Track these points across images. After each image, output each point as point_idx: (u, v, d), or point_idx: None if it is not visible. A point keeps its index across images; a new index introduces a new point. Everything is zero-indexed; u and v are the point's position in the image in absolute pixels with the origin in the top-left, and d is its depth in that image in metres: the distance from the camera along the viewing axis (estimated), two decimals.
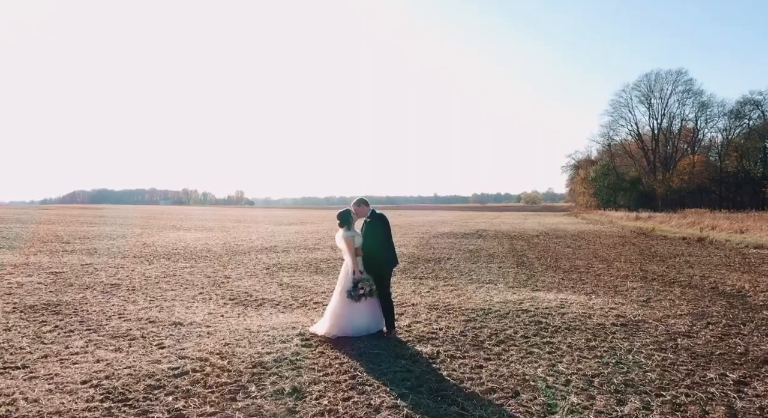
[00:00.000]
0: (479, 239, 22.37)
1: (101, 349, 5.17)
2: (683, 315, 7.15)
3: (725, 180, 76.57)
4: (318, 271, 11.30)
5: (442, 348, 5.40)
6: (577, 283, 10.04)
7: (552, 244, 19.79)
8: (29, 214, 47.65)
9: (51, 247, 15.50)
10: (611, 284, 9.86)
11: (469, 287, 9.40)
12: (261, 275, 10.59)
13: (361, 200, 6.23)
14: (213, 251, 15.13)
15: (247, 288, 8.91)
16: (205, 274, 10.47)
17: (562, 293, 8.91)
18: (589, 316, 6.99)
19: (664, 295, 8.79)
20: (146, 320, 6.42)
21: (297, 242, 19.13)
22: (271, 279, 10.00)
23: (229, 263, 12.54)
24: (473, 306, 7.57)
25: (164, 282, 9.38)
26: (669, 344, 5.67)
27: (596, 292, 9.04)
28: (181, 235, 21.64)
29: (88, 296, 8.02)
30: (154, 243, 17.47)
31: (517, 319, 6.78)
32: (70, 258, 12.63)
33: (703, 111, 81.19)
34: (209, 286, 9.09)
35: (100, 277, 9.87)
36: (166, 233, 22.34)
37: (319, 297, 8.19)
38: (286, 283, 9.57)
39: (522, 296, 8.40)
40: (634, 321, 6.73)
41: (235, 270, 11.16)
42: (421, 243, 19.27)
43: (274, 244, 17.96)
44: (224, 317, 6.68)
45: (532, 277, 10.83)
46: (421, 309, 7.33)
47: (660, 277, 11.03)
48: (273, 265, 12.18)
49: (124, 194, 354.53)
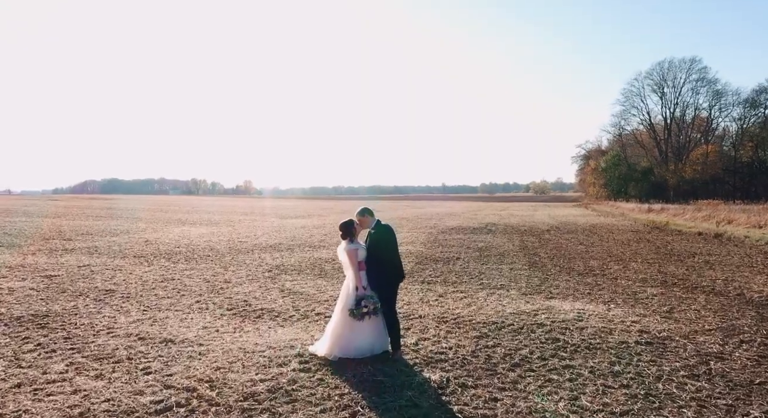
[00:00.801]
0: (489, 234, 21.84)
1: (82, 375, 4.76)
2: (712, 330, 6.64)
3: (739, 170, 75.15)
4: (322, 274, 10.88)
5: (452, 374, 4.94)
6: (593, 288, 9.54)
7: (564, 240, 19.23)
8: (37, 205, 47.69)
9: (51, 245, 15.21)
10: (630, 291, 9.34)
11: (479, 293, 8.93)
12: (262, 278, 10.18)
13: (365, 210, 5.77)
14: (216, 250, 14.76)
15: (247, 295, 8.50)
16: (204, 278, 10.08)
17: (578, 301, 8.41)
18: (609, 331, 6.50)
19: (687, 304, 8.27)
20: (136, 337, 6.02)
21: (302, 238, 18.73)
22: (273, 284, 9.59)
23: (231, 263, 12.15)
24: (484, 318, 7.10)
25: (161, 288, 9.00)
26: (701, 368, 5.17)
27: (615, 300, 8.54)
28: (186, 230, 21.31)
29: (80, 304, 7.64)
30: (157, 240, 17.13)
31: (532, 335, 6.31)
32: (68, 259, 12.30)
33: (718, 100, 79.54)
34: (207, 292, 8.68)
35: (96, 281, 9.51)
36: (171, 229, 22.03)
37: (321, 307, 7.76)
38: (288, 289, 9.15)
39: (536, 306, 7.92)
40: (659, 338, 6.23)
41: (236, 273, 10.76)
42: (430, 240, 18.79)
43: (279, 241, 17.57)
44: (219, 333, 6.27)
45: (546, 281, 10.34)
46: (429, 322, 6.88)
47: (680, 281, 10.49)
48: (276, 266, 11.77)
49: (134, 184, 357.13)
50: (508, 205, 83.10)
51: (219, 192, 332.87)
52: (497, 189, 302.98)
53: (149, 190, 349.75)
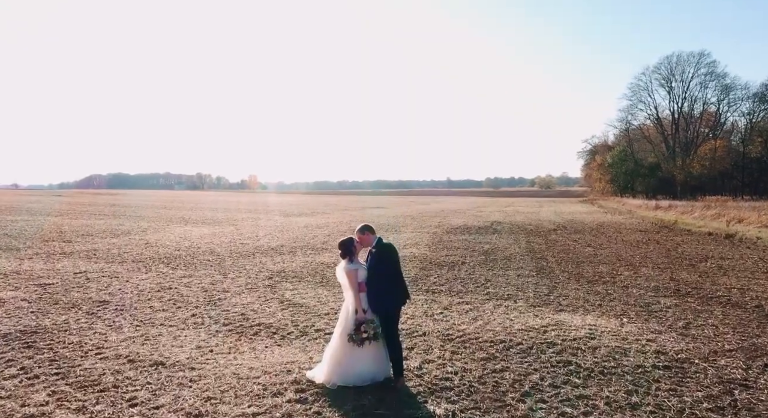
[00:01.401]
0: (494, 234, 21.48)
1: (62, 408, 4.47)
2: (733, 351, 6.29)
3: (748, 166, 74.32)
4: (323, 281, 10.57)
5: (458, 406, 4.62)
6: (604, 299, 9.19)
7: (571, 242, 18.84)
8: (42, 202, 47.64)
9: (50, 247, 14.98)
10: (642, 302, 8.98)
11: (486, 305, 8.60)
12: (262, 287, 9.88)
13: (366, 227, 5.43)
14: (216, 253, 14.48)
15: (245, 307, 8.20)
16: (202, 286, 9.80)
17: (589, 314, 8.07)
18: (624, 352, 6.16)
19: (704, 318, 7.92)
20: (125, 359, 5.73)
21: (305, 239, 18.43)
22: (272, 293, 9.29)
23: (231, 269, 11.86)
24: (491, 336, 6.77)
25: (157, 299, 8.71)
26: (726, 399, 4.83)
27: (627, 312, 8.19)
28: (188, 230, 21.06)
29: (71, 319, 7.37)
30: (158, 242, 16.88)
31: (542, 356, 5.97)
32: (65, 264, 12.04)
33: (726, 94, 78.55)
34: (204, 304, 8.40)
35: (90, 291, 9.24)
36: (173, 228, 21.79)
37: (321, 321, 7.46)
38: (288, 299, 8.85)
39: (545, 321, 7.58)
40: (677, 361, 5.88)
41: (235, 281, 10.47)
42: (434, 241, 18.46)
43: (281, 243, 17.28)
44: (213, 353, 5.97)
45: (554, 289, 10.00)
46: (433, 341, 6.56)
47: (694, 290, 10.13)
48: (276, 273, 11.48)
49: (140, 179, 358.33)
50: (513, 201, 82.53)
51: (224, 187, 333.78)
52: (502, 183, 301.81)
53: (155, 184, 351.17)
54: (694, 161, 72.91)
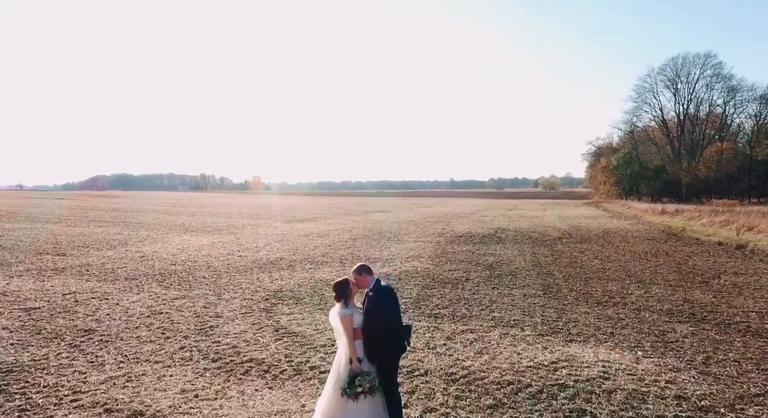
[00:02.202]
0: (498, 244, 21.01)
1: None
2: (759, 395, 5.82)
3: (755, 169, 73.47)
4: (321, 303, 10.13)
5: None
6: (616, 326, 8.71)
7: (577, 253, 18.35)
8: (43, 206, 47.40)
9: (42, 262, 14.60)
10: (657, 329, 8.51)
11: (492, 334, 8.15)
12: (257, 310, 9.45)
13: (363, 267, 4.97)
14: (213, 268, 14.07)
15: (237, 338, 7.77)
16: (195, 310, 9.37)
17: (602, 345, 7.61)
18: (642, 397, 5.69)
19: (724, 350, 7.44)
20: (102, 407, 5.30)
21: (305, 251, 18.00)
22: (268, 319, 8.86)
23: (227, 288, 11.45)
24: (498, 375, 6.32)
25: (145, 326, 8.29)
26: None
27: (641, 343, 7.72)
28: (186, 241, 20.67)
29: (52, 353, 6.95)
30: (154, 254, 16.48)
31: (554, 403, 5.51)
32: (54, 283, 11.65)
33: (733, 96, 77.81)
34: (195, 333, 7.97)
35: (77, 317, 8.84)
36: (171, 238, 21.41)
37: (317, 356, 7.02)
38: (283, 327, 8.41)
39: (555, 355, 7.12)
40: (700, 409, 5.41)
41: (230, 303, 10.04)
42: (437, 253, 18.00)
43: (280, 255, 16.86)
44: (198, 399, 5.54)
45: (563, 313, 9.53)
46: (435, 383, 6.10)
47: (710, 313, 9.65)
48: (273, 293, 11.05)
49: (144, 179, 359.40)
50: (517, 204, 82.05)
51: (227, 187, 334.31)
52: (506, 184, 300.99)
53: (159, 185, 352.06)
54: (700, 164, 72.16)
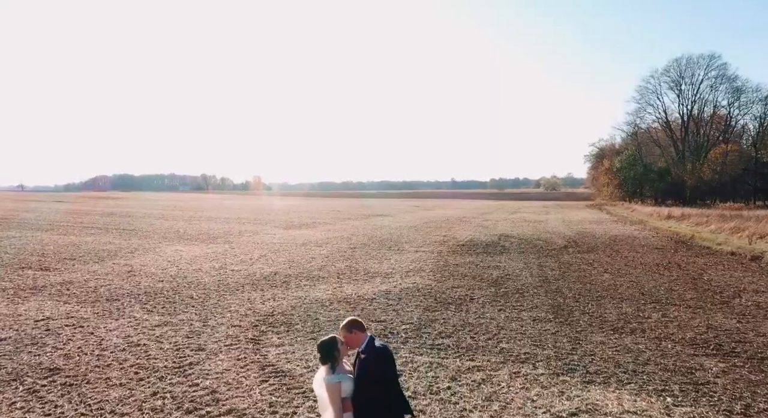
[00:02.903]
0: (503, 254, 20.20)
1: None
2: None
3: (760, 171, 72.53)
4: (314, 331, 9.34)
5: None
6: (637, 360, 7.91)
7: (585, 265, 17.55)
8: (39, 210, 46.73)
9: (23, 279, 13.83)
10: (684, 366, 7.70)
11: (500, 372, 7.36)
12: (244, 341, 8.67)
13: (353, 323, 4.19)
14: (202, 285, 13.29)
15: (218, 379, 6.98)
16: (175, 342, 8.58)
17: (624, 388, 6.82)
18: None
19: (763, 394, 6.65)
20: None
21: (301, 263, 17.21)
22: (255, 353, 8.07)
23: (214, 311, 10.66)
24: None
25: (118, 365, 7.50)
26: None
27: (669, 386, 6.93)
28: (178, 251, 19.90)
29: (5, 404, 6.18)
30: (142, 269, 15.71)
31: None
32: (29, 306, 10.87)
33: (737, 97, 77.00)
34: (171, 373, 7.18)
35: (45, 351, 8.06)
36: (163, 248, 20.63)
37: (306, 404, 6.23)
38: (271, 363, 7.62)
39: (574, 403, 6.32)
40: None
41: (215, 331, 9.25)
42: (439, 265, 17.21)
43: (275, 269, 16.07)
44: None
45: (578, 344, 8.74)
46: None
47: (738, 343, 8.85)
48: (264, 317, 10.26)
49: (145, 179, 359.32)
50: (520, 206, 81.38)
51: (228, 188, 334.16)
52: (507, 184, 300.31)
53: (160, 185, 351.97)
54: (704, 166, 71.31)
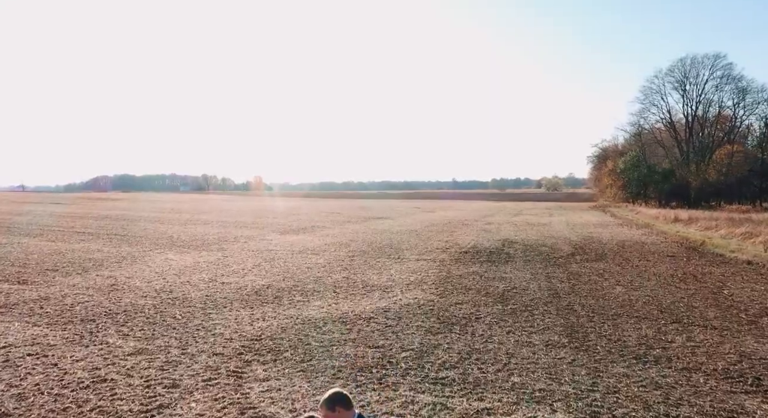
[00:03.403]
0: (508, 263, 19.29)
1: None
2: None
3: (767, 172, 71.54)
4: (305, 360, 8.42)
5: None
6: (668, 400, 6.97)
7: (596, 276, 16.64)
8: (33, 213, 45.94)
9: None
10: (722, 408, 6.76)
11: (514, 417, 6.45)
12: (224, 374, 7.75)
13: (337, 399, 3.29)
14: (188, 302, 12.39)
15: None
16: (146, 376, 7.64)
17: None
18: None
19: None
20: None
21: (296, 275, 16.30)
22: (235, 391, 7.15)
23: (197, 333, 9.75)
24: None
25: (76, 407, 6.58)
26: None
27: None
28: (168, 261, 19.01)
29: None
30: (126, 282, 14.80)
31: None
32: None
33: (742, 97, 76.08)
34: None
35: None
36: (153, 257, 19.74)
37: None
38: (252, 405, 6.69)
39: None
40: None
41: (195, 361, 8.33)
42: (441, 276, 16.31)
43: (268, 281, 15.17)
44: None
45: (598, 377, 7.81)
46: None
47: None
48: (251, 341, 9.35)
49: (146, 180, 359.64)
50: (522, 208, 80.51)
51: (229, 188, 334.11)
52: (508, 184, 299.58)
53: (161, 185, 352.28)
54: (710, 167, 70.34)
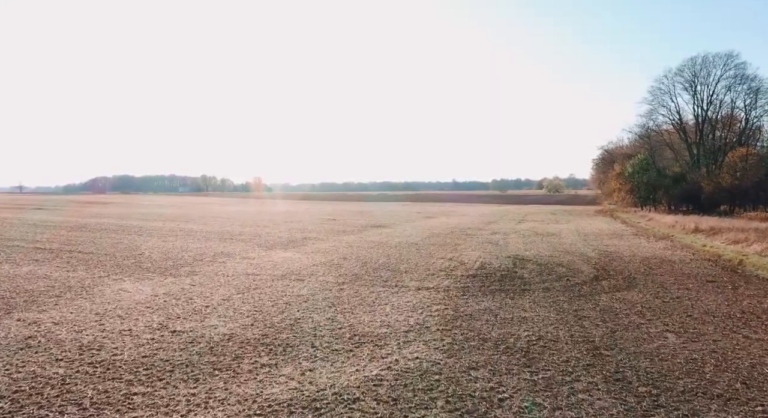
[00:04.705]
0: (525, 293, 16.26)
1: None
2: None
3: None
4: None
5: None
6: None
7: (636, 316, 13.59)
8: (17, 221, 42.94)
9: None
10: None
11: None
12: None
13: None
14: (114, 368, 9.35)
15: None
16: None
17: None
18: None
19: None
20: None
21: (270, 313, 13.24)
22: None
23: None
24: None
25: None
26: None
27: None
28: (121, 292, 15.99)
29: None
30: (50, 331, 11.76)
31: None
32: None
33: (756, 98, 73.08)
34: None
35: None
36: (104, 288, 16.71)
37: None
38: None
39: None
40: None
41: None
42: (447, 316, 13.26)
43: (232, 329, 12.11)
44: None
45: None
46: None
47: None
48: None
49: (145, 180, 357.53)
50: (525, 211, 77.62)
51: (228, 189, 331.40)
52: (508, 185, 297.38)
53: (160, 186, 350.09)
54: (723, 171, 67.30)
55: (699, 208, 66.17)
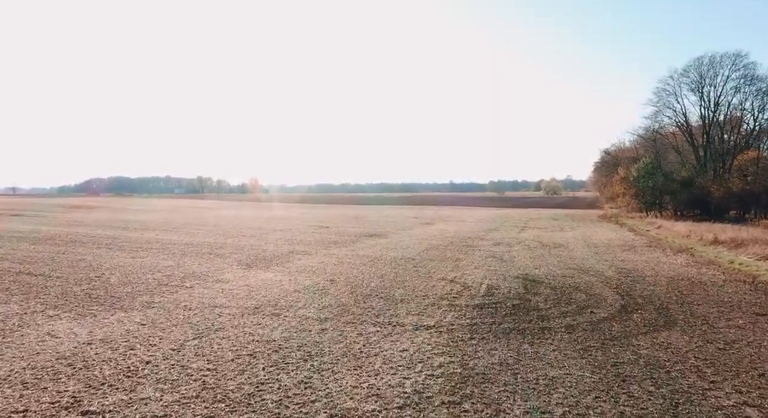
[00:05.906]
0: (545, 335, 13.26)
1: None
2: None
3: None
4: None
5: None
6: None
7: (696, 377, 10.64)
8: (9, 231, 39.81)
9: None
10: None
11: None
12: None
13: None
14: None
15: None
16: None
17: None
18: None
19: None
20: None
21: (225, 377, 10.19)
22: None
23: None
24: None
25: None
26: None
27: None
28: (46, 338, 12.97)
29: None
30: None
31: None
32: None
33: (765, 99, 70.55)
34: None
35: None
36: (30, 331, 13.69)
37: None
38: None
39: None
40: None
41: None
42: (454, 375, 10.27)
43: (165, 408, 9.13)
44: None
45: None
46: None
47: None
48: None
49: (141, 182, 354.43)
50: (526, 216, 74.69)
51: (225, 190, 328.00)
52: (506, 187, 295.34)
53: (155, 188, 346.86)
54: (733, 175, 64.66)
55: (707, 214, 63.56)
